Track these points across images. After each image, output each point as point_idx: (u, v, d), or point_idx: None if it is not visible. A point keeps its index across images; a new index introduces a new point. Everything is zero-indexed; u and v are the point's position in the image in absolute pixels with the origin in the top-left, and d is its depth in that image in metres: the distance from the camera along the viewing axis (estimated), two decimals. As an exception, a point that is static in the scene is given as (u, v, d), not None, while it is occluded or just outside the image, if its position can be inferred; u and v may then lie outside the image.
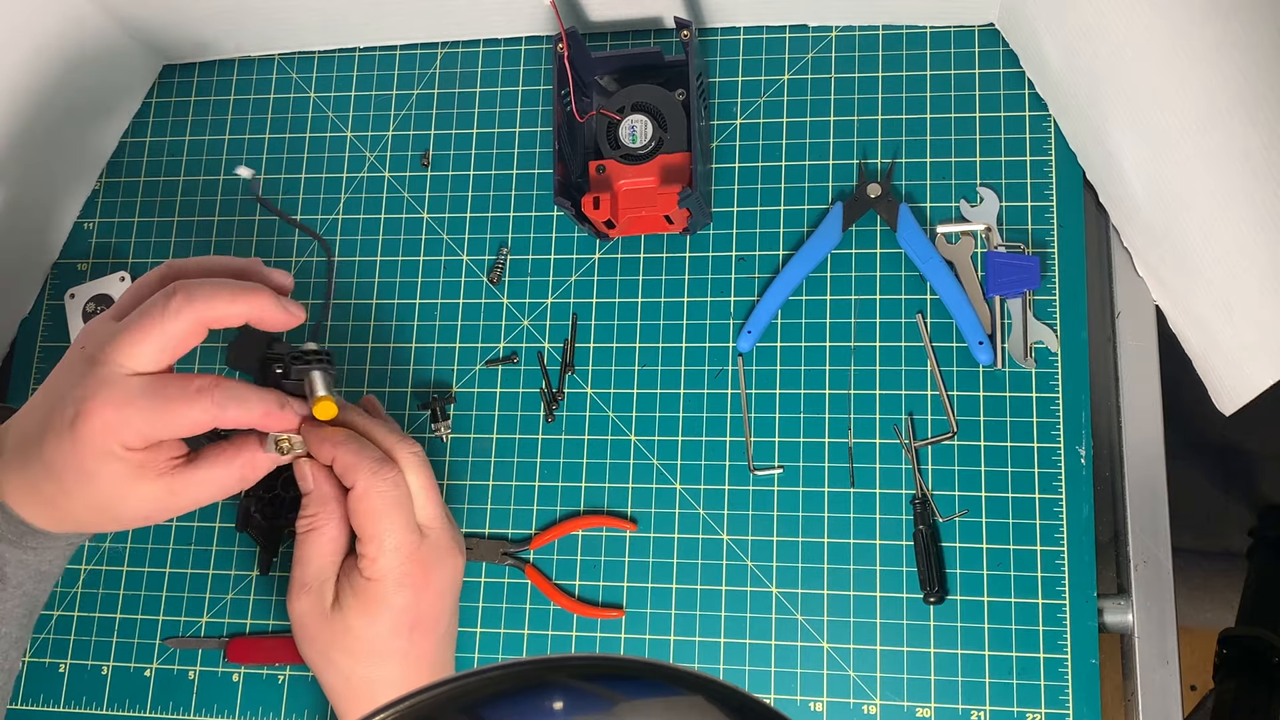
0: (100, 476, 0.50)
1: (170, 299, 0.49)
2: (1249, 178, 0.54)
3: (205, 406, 0.50)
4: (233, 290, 0.50)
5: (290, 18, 0.74)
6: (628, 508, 0.67)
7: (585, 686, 0.31)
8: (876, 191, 0.67)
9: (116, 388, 0.49)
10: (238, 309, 0.51)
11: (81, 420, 0.49)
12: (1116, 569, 0.64)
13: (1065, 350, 0.64)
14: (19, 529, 0.52)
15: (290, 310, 0.52)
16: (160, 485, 0.51)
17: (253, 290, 0.51)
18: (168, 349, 0.50)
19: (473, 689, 0.30)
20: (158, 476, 0.51)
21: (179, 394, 0.50)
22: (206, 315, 0.50)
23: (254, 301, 0.51)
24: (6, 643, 0.54)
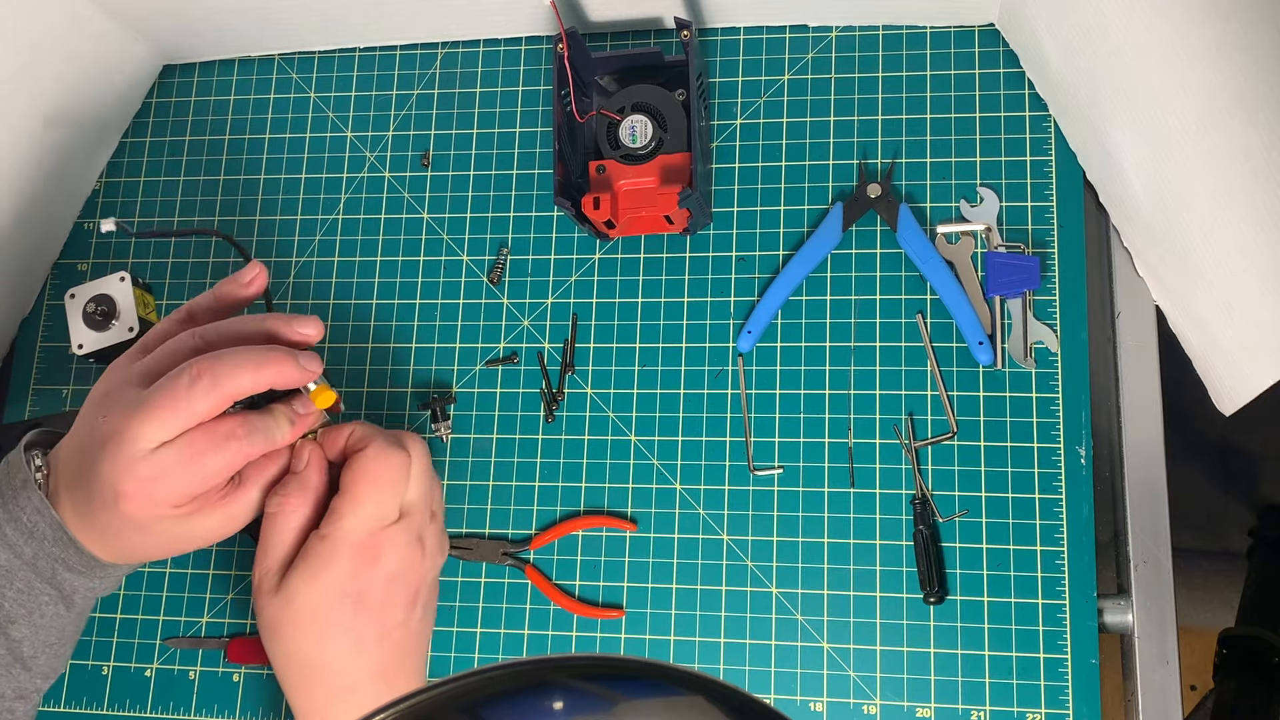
0: (159, 531, 0.52)
1: (196, 382, 0.50)
2: (1249, 178, 0.54)
3: (236, 450, 0.52)
4: (256, 363, 0.52)
5: (290, 18, 0.74)
6: (628, 508, 0.67)
7: (585, 686, 0.31)
8: (876, 191, 0.67)
9: (147, 463, 0.50)
10: (261, 379, 0.52)
11: (122, 500, 0.50)
12: (1116, 569, 0.64)
13: (1065, 350, 0.64)
14: (89, 562, 0.54)
15: (308, 367, 0.54)
16: (218, 516, 0.54)
17: (274, 358, 0.52)
18: (190, 423, 0.51)
19: (473, 689, 0.30)
20: (214, 510, 0.53)
21: (210, 446, 0.51)
22: (231, 392, 0.51)
23: (276, 369, 0.52)
24: (60, 661, 0.57)
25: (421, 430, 0.70)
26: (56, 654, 0.56)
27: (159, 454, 0.50)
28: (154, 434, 0.50)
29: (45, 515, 0.52)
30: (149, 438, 0.50)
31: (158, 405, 0.50)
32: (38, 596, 0.53)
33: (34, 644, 0.54)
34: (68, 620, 0.55)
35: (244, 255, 0.62)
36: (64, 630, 0.55)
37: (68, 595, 0.54)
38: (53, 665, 0.56)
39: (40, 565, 0.52)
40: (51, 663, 0.56)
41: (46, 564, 0.53)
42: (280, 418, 0.54)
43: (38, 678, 0.55)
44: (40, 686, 0.56)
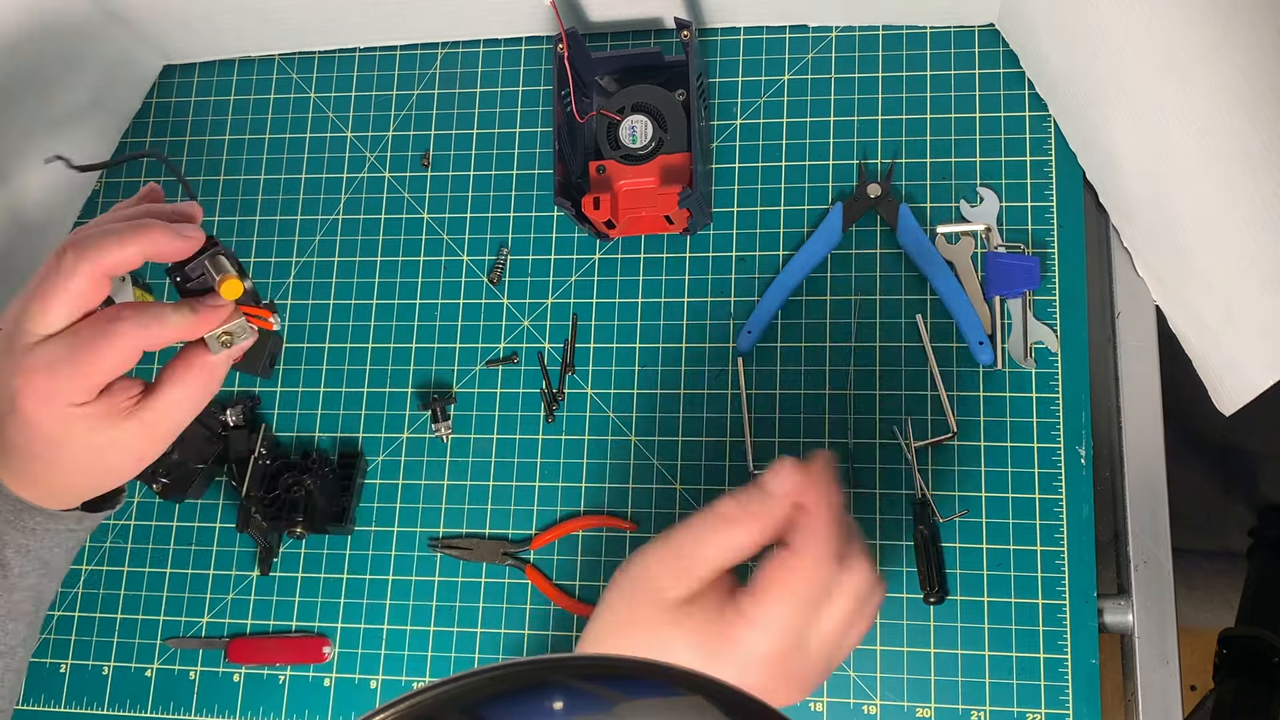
0: (71, 439, 0.50)
1: (61, 258, 0.49)
2: (1249, 178, 0.54)
3: (127, 333, 0.49)
4: (120, 233, 0.49)
5: (290, 18, 0.74)
6: (628, 508, 0.67)
7: (585, 686, 0.31)
8: (876, 191, 0.67)
9: (35, 356, 0.48)
10: (132, 250, 0.49)
11: (19, 398, 0.48)
12: (1116, 569, 0.64)
13: (1065, 350, 0.64)
14: (15, 506, 0.51)
15: (188, 236, 0.51)
16: (134, 424, 0.51)
17: (142, 228, 0.50)
18: (73, 306, 0.49)
19: (473, 689, 0.30)
20: (126, 417, 0.50)
21: (95, 333, 0.49)
22: (101, 264, 0.49)
23: (146, 238, 0.50)
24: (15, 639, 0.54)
25: (421, 430, 0.70)
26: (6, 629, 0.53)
27: (47, 345, 0.48)
28: (37, 324, 0.48)
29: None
30: (33, 329, 0.49)
31: (34, 293, 0.49)
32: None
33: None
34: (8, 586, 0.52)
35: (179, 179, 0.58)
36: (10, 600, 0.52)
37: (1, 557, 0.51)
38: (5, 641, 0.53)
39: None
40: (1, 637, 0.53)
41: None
42: (181, 306, 0.51)
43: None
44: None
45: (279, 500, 0.67)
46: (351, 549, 0.69)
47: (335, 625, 0.68)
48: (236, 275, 0.52)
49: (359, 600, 0.68)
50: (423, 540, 0.68)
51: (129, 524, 0.72)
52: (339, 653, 0.68)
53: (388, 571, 0.68)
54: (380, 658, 0.67)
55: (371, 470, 0.70)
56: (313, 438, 0.71)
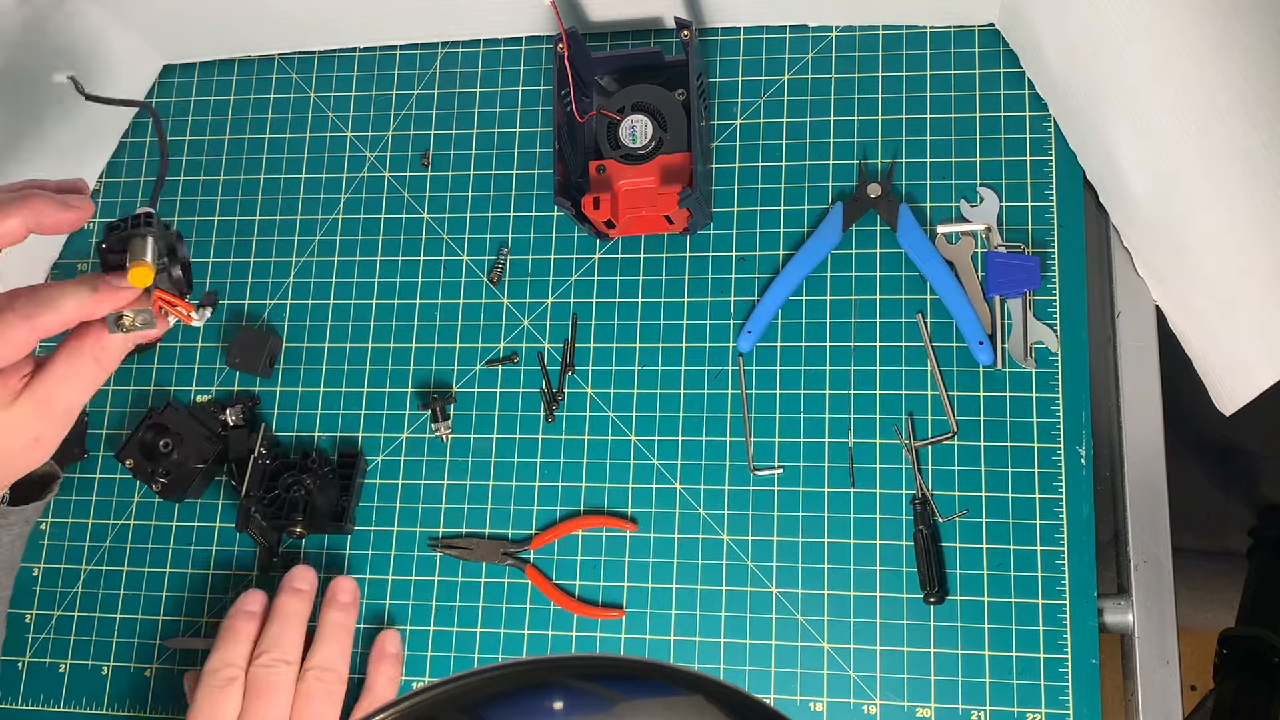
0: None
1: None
2: (1249, 178, 0.54)
3: (13, 323, 0.46)
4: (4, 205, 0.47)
5: (290, 18, 0.74)
6: (628, 508, 0.67)
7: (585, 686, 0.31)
8: (877, 191, 0.67)
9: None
10: (14, 220, 0.47)
11: None
12: (1116, 569, 0.64)
13: (1065, 350, 0.64)
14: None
15: (74, 205, 0.49)
16: (26, 404, 0.48)
17: (21, 199, 0.47)
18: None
19: (473, 689, 0.30)
20: (15, 400, 0.48)
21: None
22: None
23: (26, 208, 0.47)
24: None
25: (421, 430, 0.70)
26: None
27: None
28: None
29: None
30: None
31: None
32: None
33: None
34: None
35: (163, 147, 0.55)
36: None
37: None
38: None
39: None
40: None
41: None
42: (80, 286, 0.48)
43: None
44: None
45: (279, 500, 0.67)
46: (351, 549, 0.69)
47: (335, 625, 0.68)
48: (150, 261, 0.49)
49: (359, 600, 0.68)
50: (422, 540, 0.68)
51: (129, 524, 0.72)
52: (339, 653, 0.68)
53: (387, 571, 0.68)
54: (380, 658, 0.67)
55: (371, 470, 0.70)
56: (313, 437, 0.71)
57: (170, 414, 0.70)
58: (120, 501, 0.72)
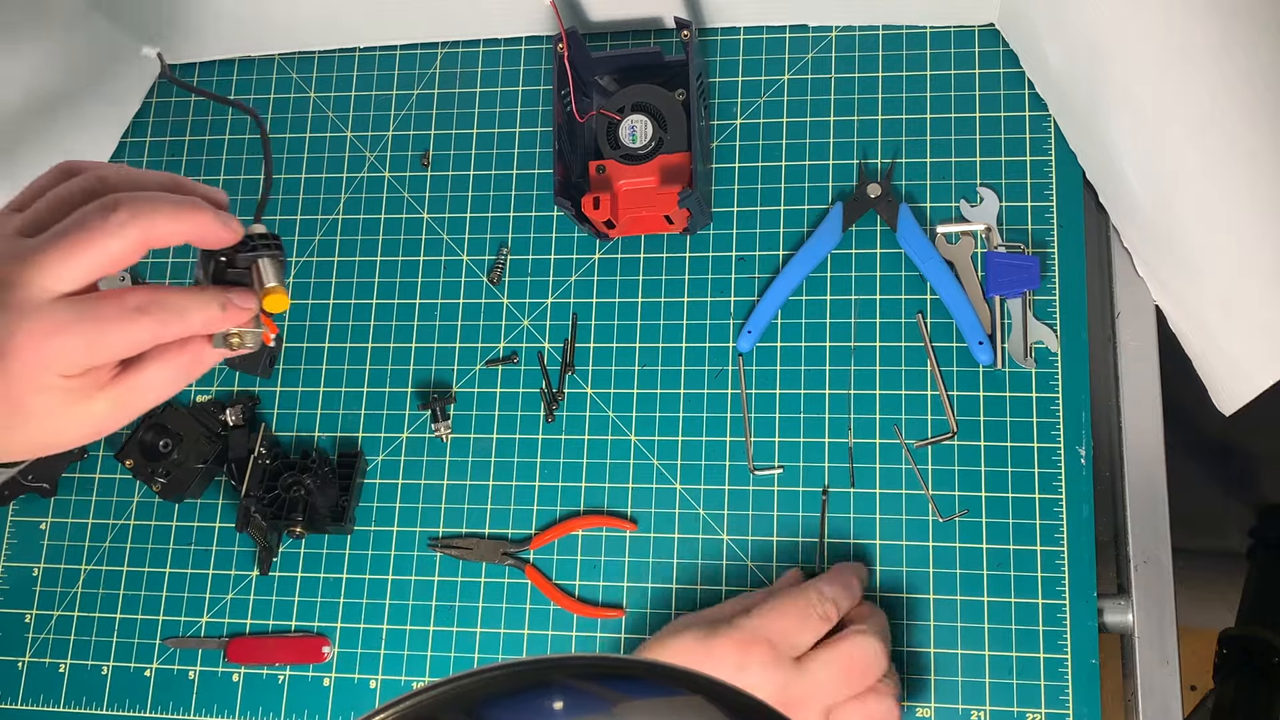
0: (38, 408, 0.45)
1: (112, 213, 0.44)
2: (1249, 178, 0.54)
3: (146, 326, 0.45)
4: (175, 206, 0.45)
5: (290, 18, 0.74)
6: (628, 508, 0.67)
7: (585, 686, 0.31)
8: (877, 191, 0.67)
9: (43, 316, 0.43)
10: (181, 227, 0.45)
11: (9, 357, 0.43)
12: (1116, 569, 0.64)
13: (1065, 350, 0.64)
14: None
15: (231, 226, 0.47)
16: (104, 401, 0.47)
17: (195, 206, 0.46)
18: (100, 269, 0.44)
19: (473, 689, 0.30)
20: (99, 392, 0.46)
21: (115, 315, 0.44)
22: (151, 234, 0.44)
23: (197, 219, 0.46)
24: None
25: (421, 430, 0.70)
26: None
27: (57, 307, 0.43)
28: (54, 280, 0.43)
29: None
30: (46, 285, 0.43)
31: (63, 243, 0.43)
32: None
33: None
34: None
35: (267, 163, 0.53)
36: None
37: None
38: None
39: None
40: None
41: None
42: (209, 301, 0.47)
43: None
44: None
45: (278, 500, 0.67)
46: (351, 549, 0.69)
47: (335, 625, 0.68)
48: (284, 289, 0.49)
49: (359, 600, 0.68)
50: (422, 540, 0.69)
51: (129, 524, 0.72)
52: (339, 653, 0.68)
53: (387, 571, 0.68)
54: (380, 658, 0.67)
55: (371, 470, 0.70)
56: (312, 437, 0.71)
57: (170, 414, 0.70)
58: (120, 501, 0.72)
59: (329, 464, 0.68)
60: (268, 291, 0.48)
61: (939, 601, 0.62)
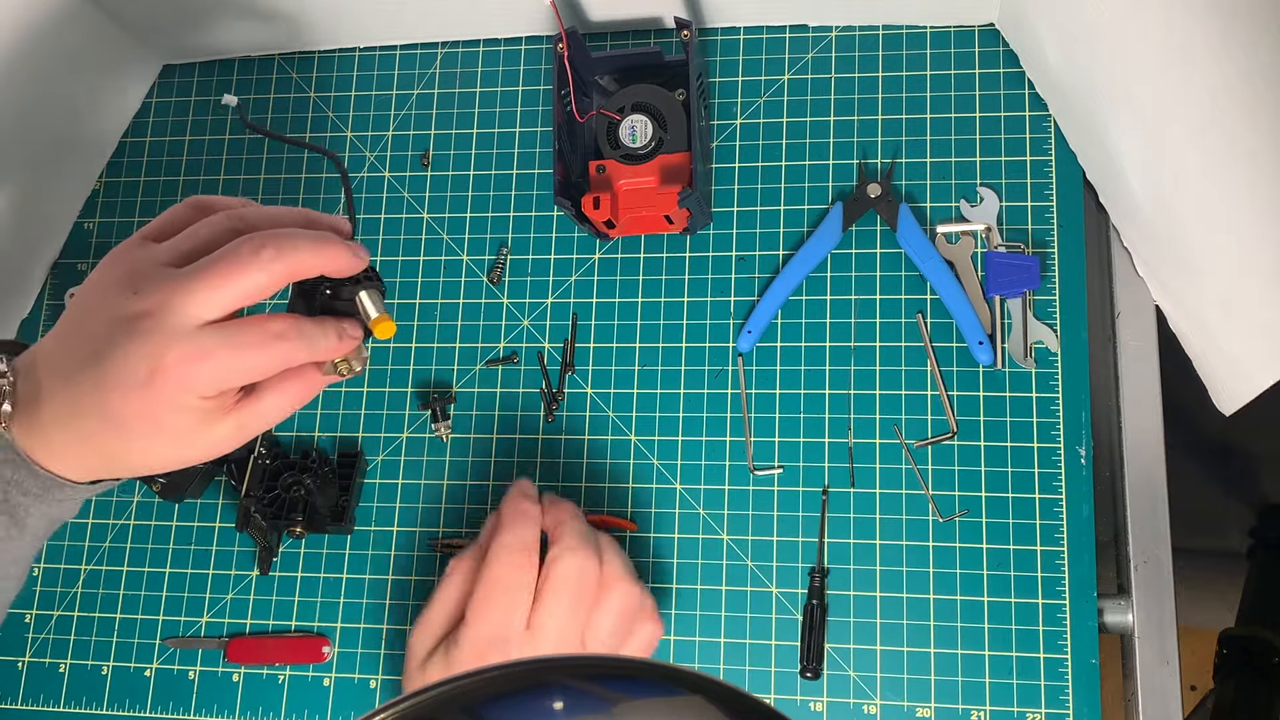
0: (172, 426, 0.48)
1: (260, 251, 0.47)
2: (1249, 178, 0.54)
3: (284, 350, 0.49)
4: (313, 241, 0.49)
5: (290, 18, 0.74)
6: (628, 508, 0.67)
7: (585, 686, 0.31)
8: (876, 191, 0.67)
9: (192, 341, 0.46)
10: (319, 261, 0.49)
11: (158, 377, 0.46)
12: (1116, 569, 0.64)
13: (1065, 350, 0.64)
14: (45, 484, 0.50)
15: (360, 255, 0.51)
16: (229, 423, 0.50)
17: (330, 241, 0.50)
18: (245, 299, 0.48)
19: (473, 689, 0.30)
20: (226, 415, 0.50)
21: (258, 340, 0.48)
22: (294, 268, 0.48)
23: (332, 252, 0.50)
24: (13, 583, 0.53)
25: (421, 430, 0.70)
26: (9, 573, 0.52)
27: (204, 333, 0.47)
28: (203, 308, 0.47)
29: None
30: (195, 313, 0.47)
31: (213, 275, 0.47)
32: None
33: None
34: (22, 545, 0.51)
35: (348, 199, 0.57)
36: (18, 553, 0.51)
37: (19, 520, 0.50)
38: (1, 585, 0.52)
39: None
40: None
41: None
42: (329, 329, 0.51)
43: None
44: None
45: (278, 500, 0.67)
46: (351, 549, 0.69)
47: (335, 625, 0.68)
48: (389, 316, 0.52)
49: (359, 600, 0.68)
50: (422, 540, 0.69)
51: (129, 524, 0.72)
52: (339, 653, 0.68)
53: (387, 571, 0.68)
54: (380, 658, 0.67)
55: (371, 470, 0.70)
56: (312, 437, 0.71)
57: (170, 414, 0.70)
58: (120, 501, 0.72)
59: (329, 464, 0.68)
60: (376, 321, 0.52)
61: (939, 601, 0.62)
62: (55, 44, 0.71)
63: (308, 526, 0.67)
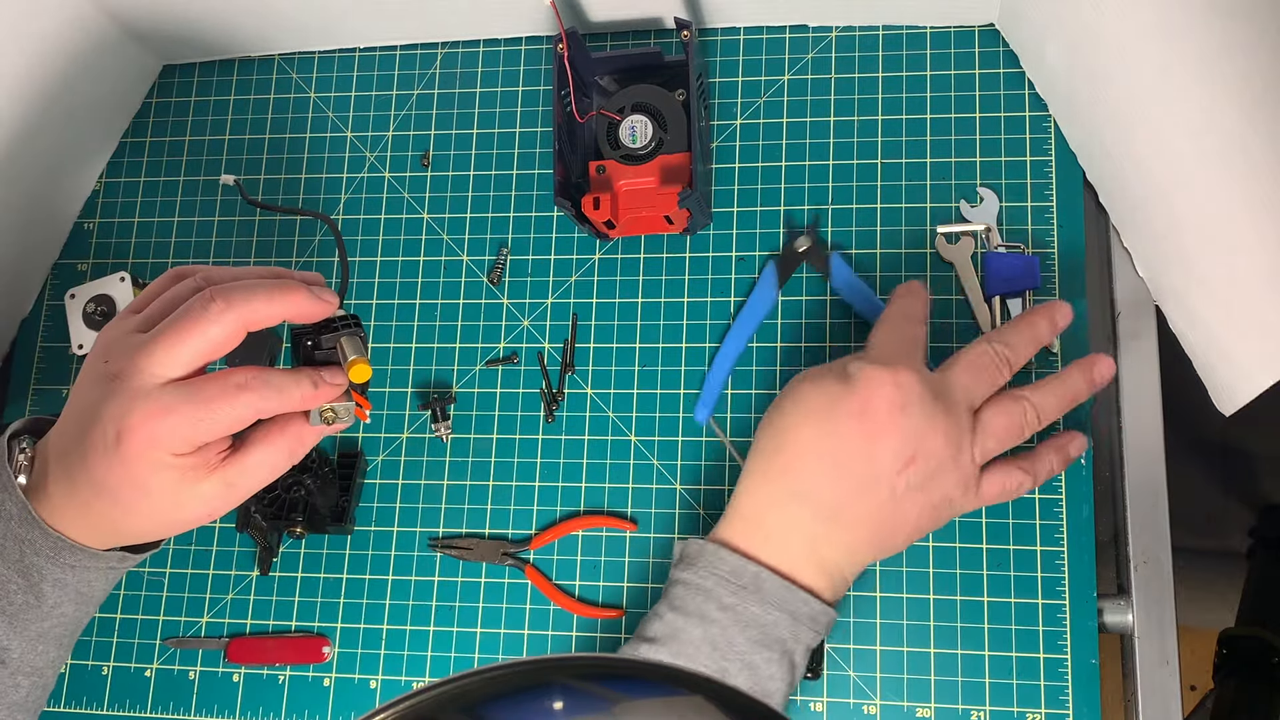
0: (155, 487, 0.49)
1: (210, 303, 0.49)
2: (1249, 178, 0.54)
3: (247, 401, 0.49)
4: (269, 290, 0.50)
5: (290, 18, 0.74)
6: (628, 508, 0.67)
7: (585, 686, 0.31)
8: (805, 245, 0.67)
9: (153, 399, 0.48)
10: (276, 309, 0.50)
11: (125, 438, 0.48)
12: (1116, 569, 0.64)
13: (1065, 350, 0.64)
14: (56, 545, 0.51)
15: (325, 299, 0.52)
16: (216, 481, 0.51)
17: (288, 288, 0.50)
18: (204, 354, 0.49)
19: (473, 689, 0.30)
20: (210, 473, 0.51)
21: (219, 393, 0.49)
22: (248, 317, 0.49)
23: (290, 299, 0.50)
24: (43, 660, 0.54)
25: (421, 430, 0.70)
26: (37, 651, 0.53)
27: (166, 390, 0.48)
28: (163, 366, 0.48)
29: (12, 493, 0.50)
30: (156, 371, 0.48)
31: (168, 335, 0.48)
32: (4, 584, 0.51)
33: (6, 633, 0.52)
34: (42, 614, 0.53)
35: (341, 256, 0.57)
36: (43, 627, 0.53)
37: (35, 584, 0.52)
38: (33, 663, 0.54)
39: (7, 548, 0.51)
40: (30, 658, 0.53)
41: (13, 546, 0.51)
42: (302, 378, 0.52)
43: (18, 674, 0.53)
44: (20, 684, 0.54)
45: (279, 500, 0.67)
46: (351, 549, 0.69)
47: (335, 625, 0.68)
48: (365, 360, 0.53)
49: (359, 600, 0.68)
50: (423, 540, 0.69)
51: (129, 524, 0.72)
52: (339, 653, 0.68)
53: (388, 571, 0.68)
54: (380, 658, 0.67)
55: (371, 470, 0.70)
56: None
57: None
58: (120, 501, 0.72)
59: (329, 464, 0.68)
60: (352, 363, 0.52)
61: (939, 601, 0.62)
62: (55, 44, 0.71)
63: (308, 527, 0.68)
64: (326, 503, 0.68)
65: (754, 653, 0.53)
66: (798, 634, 0.53)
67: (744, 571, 0.54)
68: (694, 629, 0.53)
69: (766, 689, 0.53)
